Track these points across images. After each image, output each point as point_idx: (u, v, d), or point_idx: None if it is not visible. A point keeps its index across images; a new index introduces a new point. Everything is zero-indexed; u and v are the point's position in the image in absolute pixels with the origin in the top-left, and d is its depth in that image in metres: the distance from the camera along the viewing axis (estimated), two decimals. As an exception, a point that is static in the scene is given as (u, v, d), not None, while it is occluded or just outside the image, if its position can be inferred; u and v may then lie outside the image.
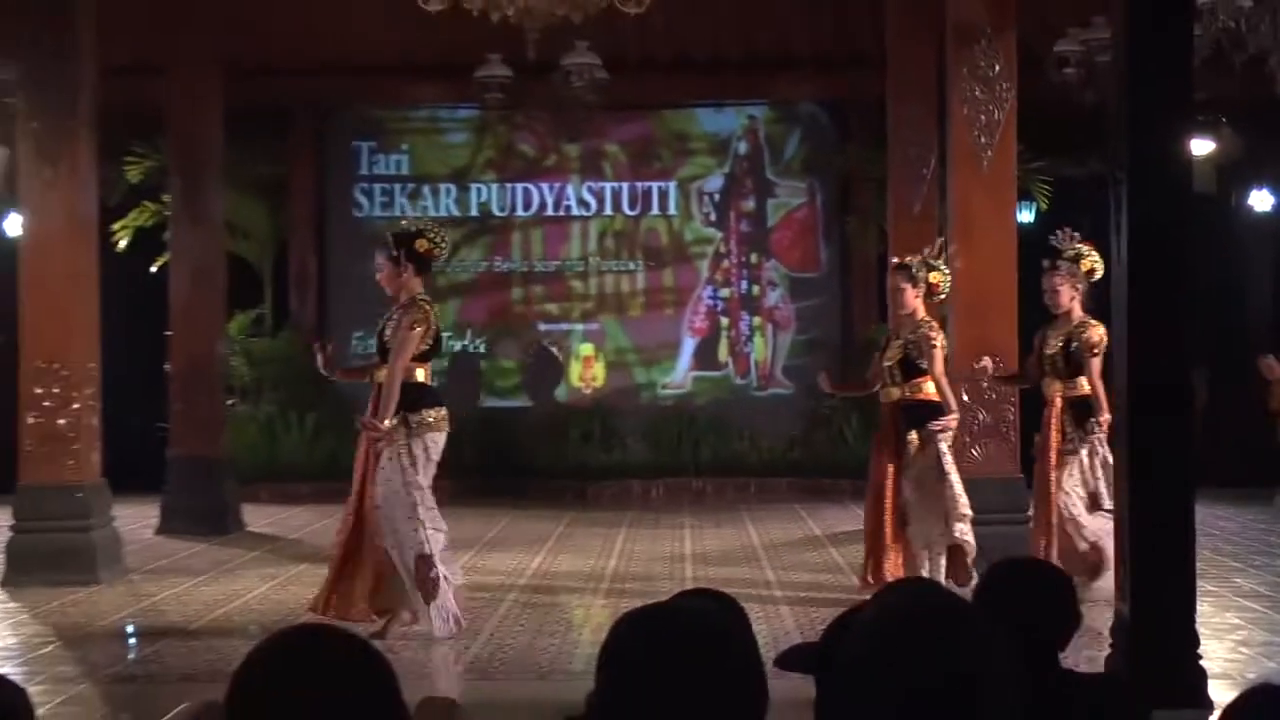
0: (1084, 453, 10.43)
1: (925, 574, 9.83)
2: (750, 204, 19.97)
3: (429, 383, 9.79)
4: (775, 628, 9.51)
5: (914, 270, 10.46)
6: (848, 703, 2.17)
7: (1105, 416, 9.92)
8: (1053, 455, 10.59)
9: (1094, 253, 10.71)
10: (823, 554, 13.01)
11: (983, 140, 11.64)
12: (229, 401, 16.39)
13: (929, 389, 10.24)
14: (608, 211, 20.02)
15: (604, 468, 18.30)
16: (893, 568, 10.19)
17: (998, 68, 11.63)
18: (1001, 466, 11.71)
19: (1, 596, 11.02)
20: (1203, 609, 7.45)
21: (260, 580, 11.85)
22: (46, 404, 11.69)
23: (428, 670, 8.65)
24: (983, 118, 11.61)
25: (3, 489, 12.02)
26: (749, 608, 5.57)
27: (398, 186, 20.09)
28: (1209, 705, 6.96)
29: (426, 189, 20.04)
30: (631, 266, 20.00)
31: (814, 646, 2.33)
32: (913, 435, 10.21)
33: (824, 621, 9.10)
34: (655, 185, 20.02)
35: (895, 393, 10.50)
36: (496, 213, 20.02)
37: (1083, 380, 10.37)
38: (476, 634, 9.62)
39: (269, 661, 2.19)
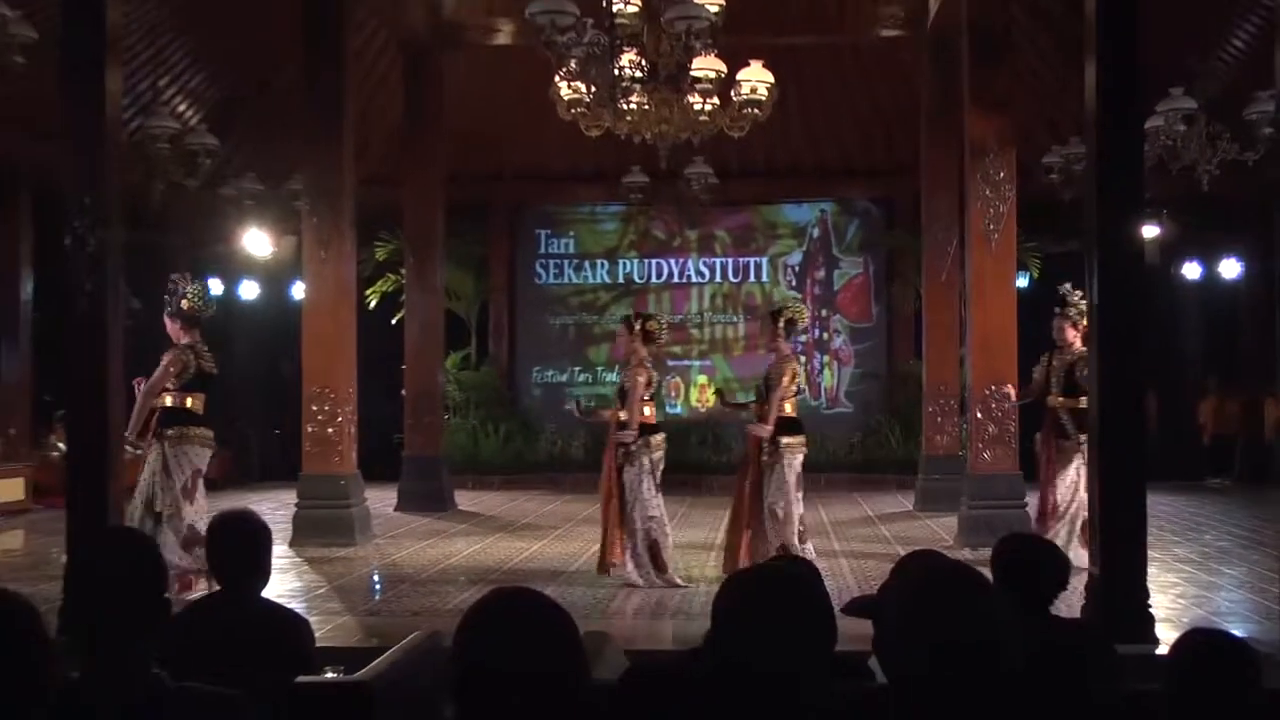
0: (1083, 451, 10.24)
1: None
2: (821, 273, 19.90)
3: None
4: (840, 583, 9.45)
5: (1073, 315, 10.24)
6: (896, 639, 2.23)
7: None
8: (1052, 452, 10.31)
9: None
10: (873, 529, 12.92)
11: (991, 226, 11.61)
12: (445, 416, 16.51)
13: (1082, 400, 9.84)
14: (717, 279, 20.02)
15: (714, 465, 18.21)
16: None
17: (1002, 174, 11.61)
18: (1006, 466, 11.66)
19: (289, 553, 11.10)
20: (1151, 571, 7.36)
21: (467, 544, 11.92)
22: (320, 417, 11.89)
23: (587, 612, 8.60)
24: (991, 210, 11.58)
25: (291, 476, 12.19)
26: (820, 566, 5.61)
27: (566, 261, 20.22)
28: (1156, 641, 6.91)
29: (586, 263, 20.17)
30: (734, 319, 19.98)
31: (869, 598, 2.40)
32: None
33: (875, 577, 9.11)
34: (752, 260, 20.00)
35: (1060, 400, 10.31)
36: (637, 280, 20.08)
37: (1083, 397, 10.13)
38: (621, 584, 9.62)
39: (488, 609, 2.26)
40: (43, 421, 16.27)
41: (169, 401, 9.19)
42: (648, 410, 10.00)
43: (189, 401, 9.30)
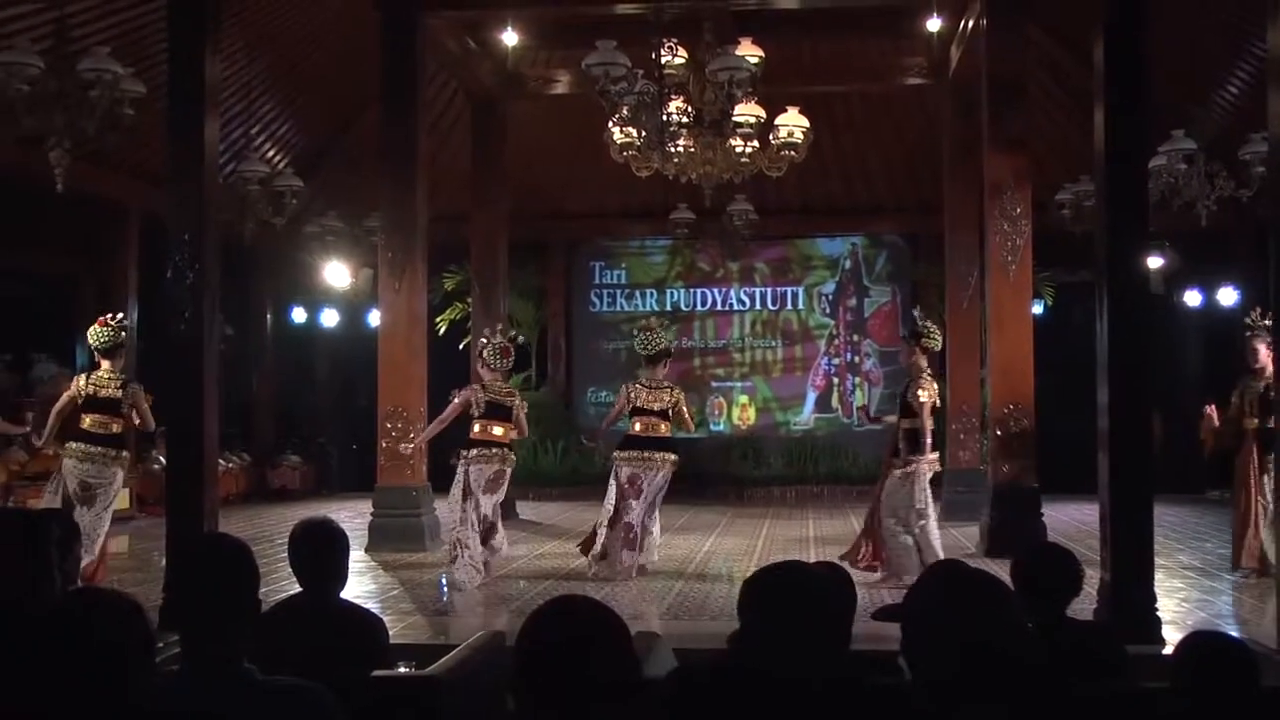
0: None
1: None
2: (853, 302, 19.83)
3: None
4: (873, 595, 9.33)
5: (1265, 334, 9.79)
6: (923, 637, 2.23)
7: None
8: (1254, 472, 9.73)
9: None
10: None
11: (1009, 258, 11.54)
12: (509, 433, 16.53)
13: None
14: (757, 307, 19.98)
15: (754, 478, 18.21)
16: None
17: (1018, 209, 11.55)
18: (1023, 479, 11.56)
19: (365, 558, 11.16)
20: (1157, 576, 7.29)
21: (528, 550, 11.91)
22: (393, 434, 11.91)
23: (638, 612, 8.61)
24: (1009, 243, 11.52)
25: (366, 487, 12.24)
26: (851, 570, 5.57)
27: (618, 291, 20.25)
28: (1163, 642, 6.85)
29: (637, 293, 20.19)
30: (773, 344, 19.92)
31: (897, 606, 2.40)
32: None
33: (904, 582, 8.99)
34: (789, 290, 19.95)
35: (1254, 423, 9.81)
36: (683, 308, 20.07)
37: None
38: (670, 588, 9.58)
39: (546, 614, 2.28)
40: (145, 437, 16.41)
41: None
42: (477, 426, 9.89)
43: (86, 420, 9.55)
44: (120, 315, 10.17)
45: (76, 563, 3.59)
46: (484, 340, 10.26)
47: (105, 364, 9.65)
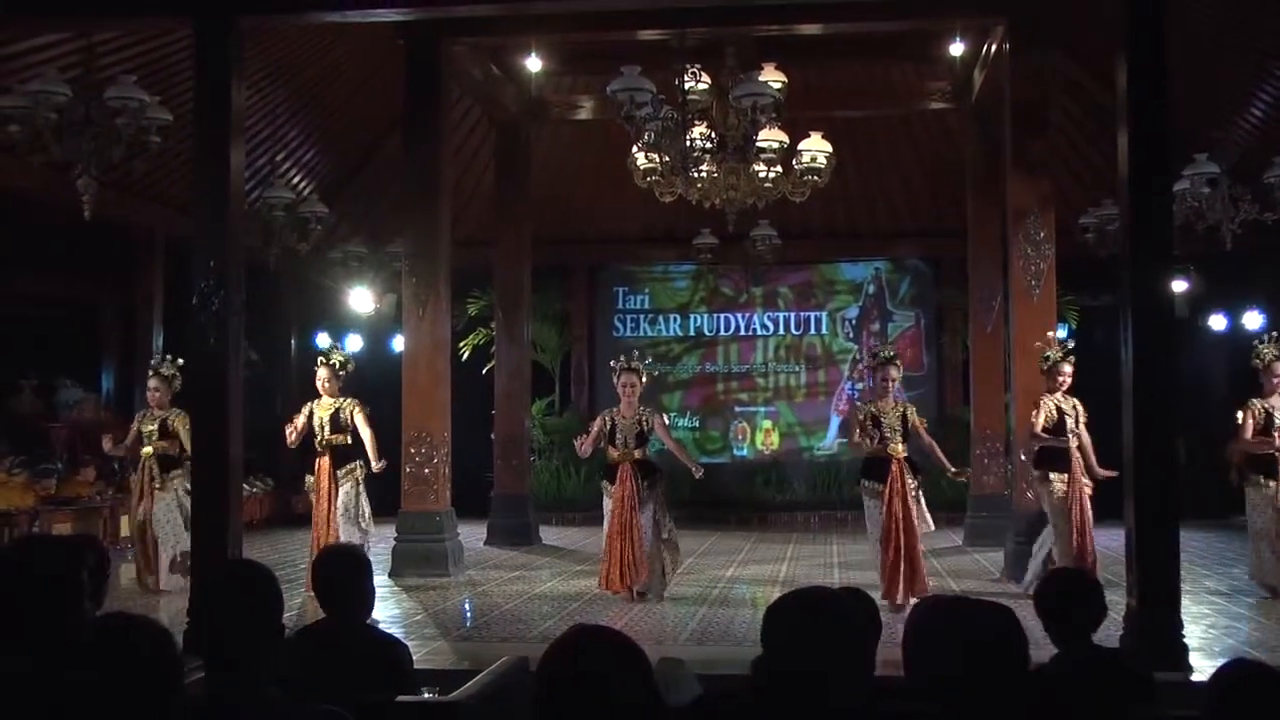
0: None
1: None
2: (876, 326, 19.79)
3: None
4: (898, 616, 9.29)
5: None
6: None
7: None
8: None
9: None
10: (927, 563, 12.64)
11: (1033, 282, 11.49)
12: (531, 458, 16.56)
13: None
14: (780, 332, 19.95)
15: (778, 503, 18.17)
16: None
17: (1042, 234, 11.51)
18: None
19: (389, 583, 11.19)
20: (1184, 602, 7.25)
21: (551, 576, 11.93)
22: (417, 459, 11.95)
23: (662, 637, 8.61)
24: (1033, 267, 11.47)
25: (391, 511, 12.28)
26: (873, 593, 5.56)
27: (642, 316, 20.25)
28: (1190, 669, 6.81)
29: (660, 318, 20.19)
30: (796, 368, 19.88)
31: None
32: None
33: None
34: (812, 314, 19.93)
35: None
36: (707, 333, 20.05)
37: None
38: (695, 614, 9.56)
39: (566, 646, 2.29)
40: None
41: None
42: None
43: None
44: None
45: (106, 590, 3.61)
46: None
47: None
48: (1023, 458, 9.61)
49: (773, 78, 10.51)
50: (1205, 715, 3.08)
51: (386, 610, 9.63)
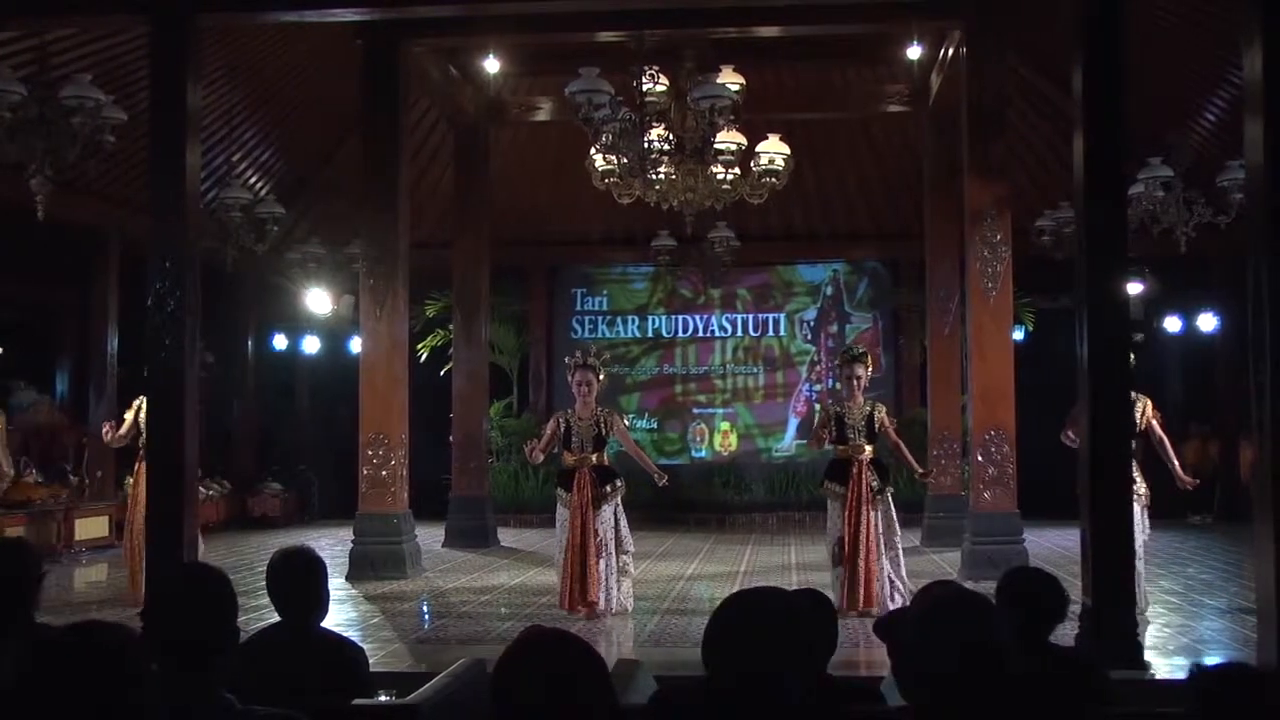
0: None
1: None
2: (834, 328, 19.84)
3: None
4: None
5: None
6: (916, 642, 2.25)
7: None
8: None
9: None
10: (884, 562, 12.82)
11: (990, 284, 11.58)
12: (489, 459, 16.52)
13: None
14: (739, 334, 19.98)
15: (736, 505, 18.19)
16: None
17: (999, 236, 11.59)
18: (1005, 505, 11.57)
19: (346, 586, 11.12)
20: (1139, 602, 7.31)
21: (509, 577, 11.88)
22: (374, 460, 11.89)
23: (620, 639, 8.60)
24: (989, 269, 11.56)
25: (348, 514, 12.19)
26: (831, 595, 5.54)
27: (600, 318, 20.21)
28: (1145, 666, 6.88)
29: (619, 319, 20.17)
30: (754, 370, 19.92)
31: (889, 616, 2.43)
32: None
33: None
34: (770, 316, 19.97)
35: None
36: (665, 335, 20.05)
37: None
38: (652, 615, 9.58)
39: (521, 649, 2.26)
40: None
41: None
42: None
43: None
44: None
45: (39, 593, 3.65)
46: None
47: None
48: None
49: (731, 80, 10.52)
50: (1189, 715, 3.08)
51: (343, 613, 9.56)
